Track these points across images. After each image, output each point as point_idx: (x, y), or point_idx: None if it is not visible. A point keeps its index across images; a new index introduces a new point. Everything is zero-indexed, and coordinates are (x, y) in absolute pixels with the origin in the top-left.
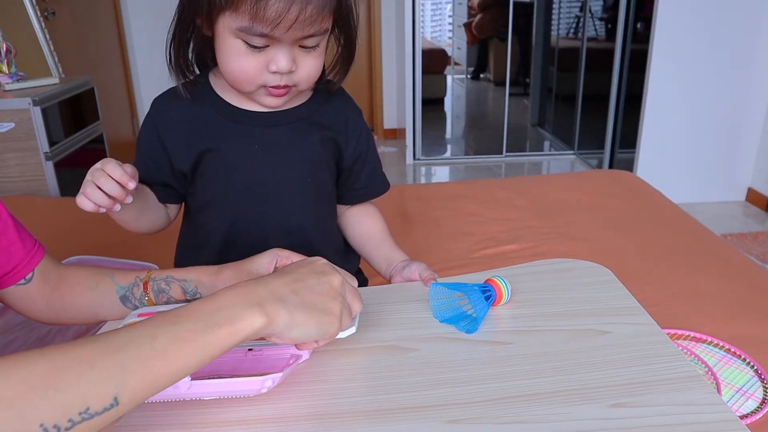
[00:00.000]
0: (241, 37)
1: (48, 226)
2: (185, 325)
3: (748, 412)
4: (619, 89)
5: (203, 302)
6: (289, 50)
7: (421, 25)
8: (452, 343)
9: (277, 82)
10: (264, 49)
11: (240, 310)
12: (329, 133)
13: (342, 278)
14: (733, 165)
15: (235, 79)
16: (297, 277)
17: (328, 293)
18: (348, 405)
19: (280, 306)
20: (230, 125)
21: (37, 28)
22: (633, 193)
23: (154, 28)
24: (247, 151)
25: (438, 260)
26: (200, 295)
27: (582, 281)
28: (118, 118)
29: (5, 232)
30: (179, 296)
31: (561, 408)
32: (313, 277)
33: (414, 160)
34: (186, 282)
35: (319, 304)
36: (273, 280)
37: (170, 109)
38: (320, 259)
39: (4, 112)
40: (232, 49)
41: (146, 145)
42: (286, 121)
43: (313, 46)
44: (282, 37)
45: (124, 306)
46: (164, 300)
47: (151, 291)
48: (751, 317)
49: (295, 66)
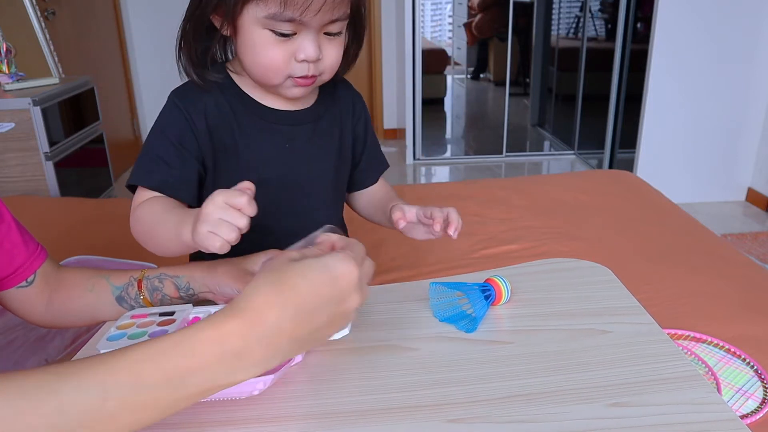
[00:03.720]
0: (269, 26)
1: (48, 226)
2: (146, 385)
3: (748, 412)
4: (619, 89)
5: (179, 349)
6: (316, 37)
7: (421, 25)
8: (452, 343)
9: (305, 71)
10: (291, 37)
11: (221, 376)
12: (343, 121)
13: (361, 299)
14: (733, 165)
15: (264, 71)
16: (308, 320)
17: (337, 325)
18: (346, 405)
19: (273, 361)
20: (259, 122)
21: (37, 28)
22: (633, 193)
23: (154, 28)
24: (277, 149)
25: (438, 260)
26: (192, 291)
27: (582, 281)
28: (118, 118)
29: (8, 234)
30: (173, 293)
31: (560, 407)
32: (327, 315)
33: (414, 160)
34: (178, 278)
35: (322, 336)
36: (279, 325)
37: (197, 96)
38: (350, 264)
39: (4, 112)
40: (260, 40)
41: (174, 129)
42: (311, 118)
43: (337, 33)
44: (310, 22)
45: (120, 306)
46: (159, 298)
47: (145, 290)
48: (751, 317)
49: (321, 54)
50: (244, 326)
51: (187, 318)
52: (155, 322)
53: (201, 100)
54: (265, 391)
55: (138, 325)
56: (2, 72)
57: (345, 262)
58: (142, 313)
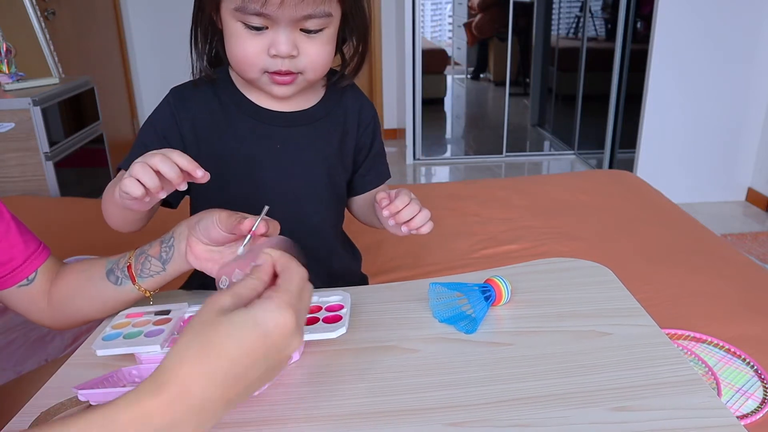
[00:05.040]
0: (239, 19)
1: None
2: None
3: (748, 412)
4: (619, 89)
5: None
6: (290, 33)
7: (421, 25)
8: (452, 344)
9: (279, 67)
10: (264, 31)
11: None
12: (346, 128)
13: (298, 342)
14: (733, 165)
15: (238, 63)
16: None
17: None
18: (345, 407)
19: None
20: (252, 123)
21: (37, 28)
22: (633, 193)
23: (154, 28)
24: (269, 151)
25: (438, 260)
26: (172, 241)
27: (582, 281)
28: (118, 118)
29: (7, 234)
30: (155, 253)
31: (562, 411)
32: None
33: (414, 160)
34: (167, 235)
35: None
36: (207, 395)
37: (191, 99)
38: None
39: (4, 112)
40: (233, 33)
41: (163, 123)
42: (306, 121)
43: (316, 31)
44: (278, 17)
45: (108, 279)
46: (141, 261)
47: (134, 256)
48: (751, 317)
49: (297, 51)
50: (169, 402)
51: (183, 317)
52: (151, 321)
53: (192, 103)
54: (264, 393)
55: (133, 324)
56: (2, 72)
57: (278, 312)
58: (138, 312)
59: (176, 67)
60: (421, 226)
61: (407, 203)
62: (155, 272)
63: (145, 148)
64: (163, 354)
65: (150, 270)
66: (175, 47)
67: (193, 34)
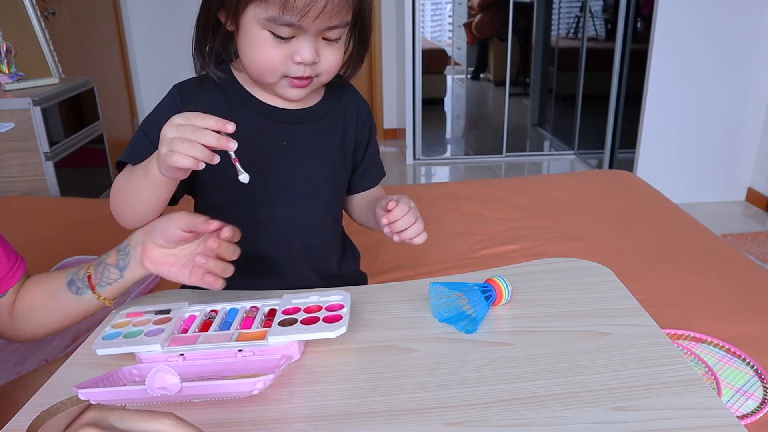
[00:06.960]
0: (268, 28)
1: (48, 226)
2: None
3: (748, 412)
4: (619, 89)
5: None
6: (314, 41)
7: (421, 25)
8: (452, 344)
9: (301, 73)
10: (289, 40)
11: None
12: (347, 125)
13: None
14: (733, 165)
15: (260, 69)
16: None
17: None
18: (345, 407)
19: None
20: (259, 120)
21: (37, 28)
22: (633, 193)
23: (154, 28)
24: (276, 147)
25: (438, 260)
26: (129, 248)
27: (582, 281)
28: (118, 118)
29: None
30: (112, 261)
31: (562, 411)
32: None
33: (414, 160)
34: (122, 244)
35: None
36: None
37: (197, 96)
38: None
39: (4, 112)
40: (259, 40)
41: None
42: (311, 118)
43: (336, 39)
44: (308, 28)
45: (69, 290)
46: (101, 270)
47: (93, 265)
48: (751, 317)
49: (318, 57)
50: None
51: (183, 316)
52: (151, 320)
53: (199, 99)
54: (264, 392)
55: (133, 324)
56: (2, 72)
57: None
58: (138, 312)
59: (176, 66)
60: (414, 237)
61: (406, 213)
62: (113, 280)
63: (149, 142)
64: (164, 353)
65: (108, 278)
66: (175, 47)
67: (197, 35)
